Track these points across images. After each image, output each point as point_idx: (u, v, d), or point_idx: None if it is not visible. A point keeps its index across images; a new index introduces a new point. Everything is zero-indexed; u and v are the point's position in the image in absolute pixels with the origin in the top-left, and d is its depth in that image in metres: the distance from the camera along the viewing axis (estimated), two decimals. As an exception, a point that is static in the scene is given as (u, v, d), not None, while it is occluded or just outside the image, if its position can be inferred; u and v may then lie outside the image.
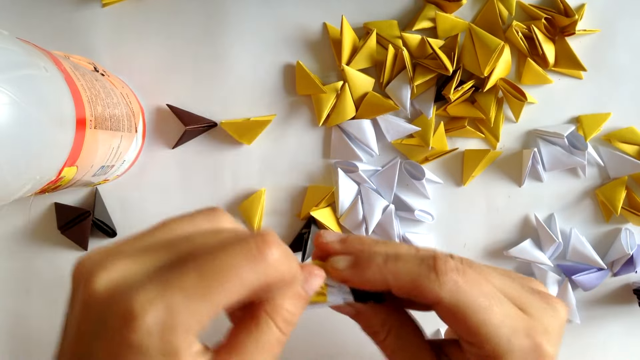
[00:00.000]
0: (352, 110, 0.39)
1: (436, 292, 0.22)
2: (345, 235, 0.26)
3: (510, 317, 0.22)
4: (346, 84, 0.38)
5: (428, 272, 0.22)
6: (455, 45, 0.37)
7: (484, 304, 0.22)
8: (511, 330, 0.22)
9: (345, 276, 0.24)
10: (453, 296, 0.22)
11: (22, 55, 0.24)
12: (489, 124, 0.39)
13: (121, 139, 0.34)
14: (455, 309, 0.22)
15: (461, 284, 0.22)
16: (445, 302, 0.22)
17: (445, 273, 0.22)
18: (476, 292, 0.22)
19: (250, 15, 0.39)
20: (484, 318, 0.22)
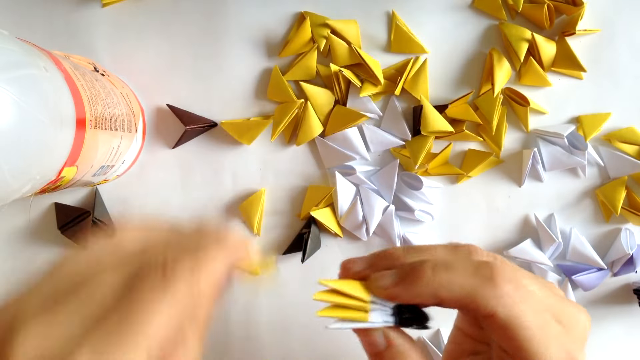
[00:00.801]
0: (319, 126, 0.39)
1: (492, 307, 0.20)
2: (368, 256, 0.24)
3: (554, 335, 0.21)
4: (308, 102, 0.39)
5: (485, 284, 0.21)
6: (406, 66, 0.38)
7: (535, 321, 0.21)
8: (554, 346, 0.21)
9: (393, 293, 0.22)
10: (507, 311, 0.20)
11: (22, 55, 0.24)
12: (490, 131, 0.39)
13: (121, 139, 0.34)
14: (508, 324, 0.21)
15: (515, 297, 0.21)
16: (499, 316, 0.21)
17: (504, 285, 0.21)
18: (528, 309, 0.21)
19: (250, 15, 0.39)
20: (533, 335, 0.21)
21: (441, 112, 0.38)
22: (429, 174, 0.40)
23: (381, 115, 0.39)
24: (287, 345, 0.41)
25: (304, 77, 0.39)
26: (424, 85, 0.38)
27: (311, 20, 0.38)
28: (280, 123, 0.38)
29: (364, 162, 0.40)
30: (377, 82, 0.38)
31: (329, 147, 0.39)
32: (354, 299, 0.22)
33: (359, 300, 0.22)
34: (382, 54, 0.39)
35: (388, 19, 0.39)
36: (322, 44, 0.39)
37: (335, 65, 0.38)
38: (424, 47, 0.39)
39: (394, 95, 0.39)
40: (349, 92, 0.39)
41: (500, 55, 0.38)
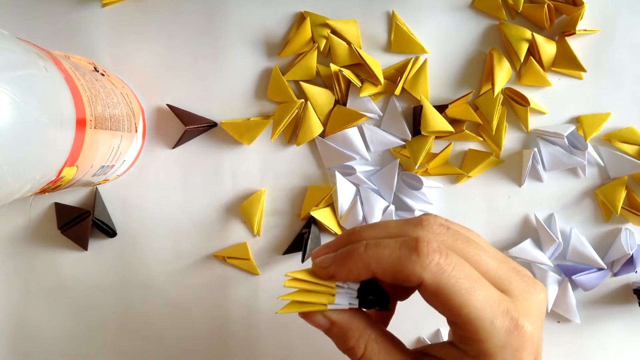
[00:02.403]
0: (319, 126, 0.39)
1: (418, 274, 0.22)
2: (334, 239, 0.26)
3: (492, 299, 0.22)
4: (308, 102, 0.39)
5: (409, 255, 0.22)
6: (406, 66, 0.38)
7: (466, 286, 0.22)
8: (493, 312, 0.22)
9: (330, 271, 0.24)
10: (435, 278, 0.22)
11: (22, 55, 0.24)
12: (490, 131, 0.39)
13: (121, 139, 0.34)
14: (438, 290, 0.22)
15: (443, 265, 0.22)
16: (427, 283, 0.22)
17: (427, 255, 0.22)
18: (459, 274, 0.22)
19: (250, 15, 0.39)
20: (466, 300, 0.22)
21: (441, 112, 0.38)
22: (429, 174, 0.40)
23: (381, 115, 0.39)
24: (288, 345, 0.41)
25: (304, 77, 0.39)
26: (424, 85, 0.38)
27: (311, 20, 0.38)
28: (280, 123, 0.38)
29: (364, 162, 0.40)
30: (377, 82, 0.38)
31: (329, 147, 0.39)
32: (320, 285, 0.24)
33: (325, 285, 0.24)
34: (382, 54, 0.39)
35: (388, 19, 0.39)
36: (322, 44, 0.39)
37: (335, 65, 0.38)
38: (424, 47, 0.39)
39: (394, 95, 0.39)
40: (349, 92, 0.39)
41: (500, 55, 0.38)
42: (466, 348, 0.23)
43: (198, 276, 0.40)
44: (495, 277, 0.23)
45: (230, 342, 0.41)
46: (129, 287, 0.40)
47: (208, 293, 0.40)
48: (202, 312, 0.40)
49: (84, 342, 0.41)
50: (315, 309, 0.24)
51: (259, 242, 0.40)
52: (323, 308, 0.24)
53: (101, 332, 0.41)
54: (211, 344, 0.41)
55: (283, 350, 0.41)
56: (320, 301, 0.24)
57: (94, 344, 0.41)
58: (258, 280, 0.40)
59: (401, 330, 0.26)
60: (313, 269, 0.25)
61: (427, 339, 0.40)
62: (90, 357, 0.41)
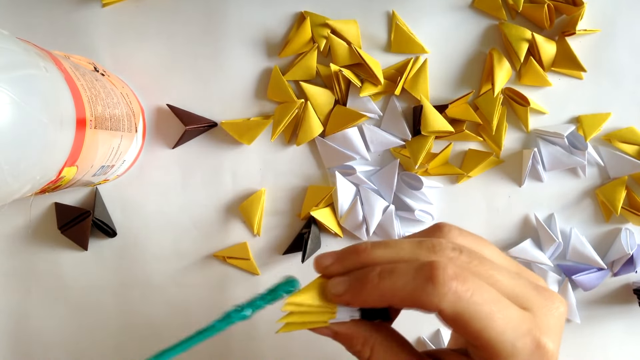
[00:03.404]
0: (319, 126, 0.39)
1: (436, 305, 0.21)
2: (340, 250, 0.25)
3: (514, 320, 0.22)
4: (308, 102, 0.39)
5: (425, 285, 0.21)
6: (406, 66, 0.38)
7: (486, 310, 0.21)
8: (515, 333, 0.21)
9: (345, 300, 0.23)
10: (454, 307, 0.21)
11: (22, 55, 0.24)
12: (490, 131, 0.39)
13: (121, 139, 0.34)
14: (457, 318, 0.21)
15: (461, 293, 0.21)
16: (446, 312, 0.21)
17: (444, 284, 0.21)
18: (477, 300, 0.21)
19: (250, 15, 0.39)
20: (487, 325, 0.21)
21: (441, 112, 0.38)
22: (429, 174, 0.40)
23: (381, 115, 0.39)
24: (288, 346, 0.41)
25: (304, 77, 0.39)
26: (424, 85, 0.38)
27: (311, 20, 0.38)
28: (280, 123, 0.38)
29: (364, 162, 0.40)
30: (377, 82, 0.38)
31: (329, 147, 0.39)
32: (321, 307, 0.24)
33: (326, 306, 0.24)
34: (382, 54, 0.39)
35: (388, 19, 0.39)
36: (322, 44, 0.39)
37: (335, 65, 0.38)
38: (424, 47, 0.39)
39: (394, 95, 0.39)
40: (349, 92, 0.39)
41: (500, 55, 0.38)
42: None
43: (198, 276, 0.40)
44: (512, 295, 0.23)
45: (230, 343, 0.41)
46: (129, 287, 0.40)
47: (208, 293, 0.40)
48: (202, 312, 0.40)
49: (84, 341, 0.41)
50: (315, 327, 0.24)
51: (259, 242, 0.40)
52: (324, 325, 0.24)
53: (101, 332, 0.41)
54: (211, 344, 0.41)
55: (283, 350, 0.41)
56: (321, 319, 0.24)
57: (94, 344, 0.41)
58: (258, 280, 0.40)
59: (401, 330, 0.26)
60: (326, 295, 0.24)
61: (427, 339, 0.40)
62: (90, 356, 0.41)
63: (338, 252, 0.25)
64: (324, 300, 0.24)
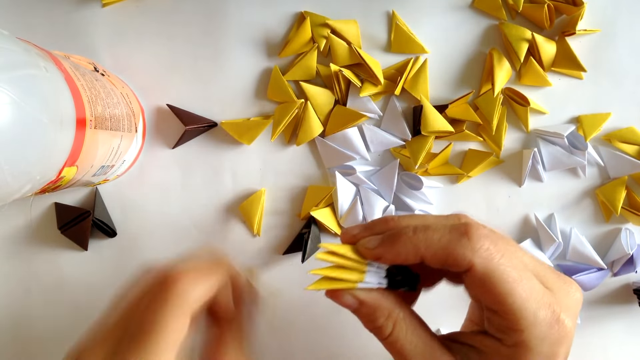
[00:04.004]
0: (319, 126, 0.39)
1: (469, 258, 0.22)
2: (367, 222, 0.26)
3: (537, 291, 0.22)
4: (308, 102, 0.39)
5: (460, 238, 0.22)
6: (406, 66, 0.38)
7: (514, 275, 0.22)
8: (537, 303, 0.22)
9: (377, 253, 0.24)
10: (485, 263, 0.22)
11: (22, 55, 0.24)
12: (490, 131, 0.39)
13: (121, 139, 0.34)
14: (486, 276, 0.22)
15: (493, 252, 0.22)
16: (477, 268, 0.22)
17: (479, 239, 0.22)
18: (507, 262, 0.22)
19: (250, 15, 0.39)
20: (513, 289, 0.22)
21: (441, 112, 0.38)
22: (429, 174, 0.40)
23: (381, 115, 0.39)
24: (288, 345, 0.41)
25: (304, 77, 0.39)
26: (424, 85, 0.38)
27: (311, 20, 0.38)
28: (280, 123, 0.38)
29: (364, 162, 0.40)
30: (377, 82, 0.38)
31: (329, 147, 0.39)
32: (353, 261, 0.24)
33: (357, 262, 0.24)
34: (382, 54, 0.39)
35: (388, 19, 0.39)
36: (322, 44, 0.39)
37: (335, 65, 0.38)
38: (424, 47, 0.39)
39: (394, 95, 0.39)
40: (349, 92, 0.39)
41: (500, 55, 0.38)
42: (503, 337, 0.23)
43: (198, 276, 0.40)
44: (537, 272, 0.24)
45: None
46: (129, 287, 0.40)
47: (208, 293, 0.40)
48: (202, 312, 0.40)
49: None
50: (344, 287, 0.24)
51: (259, 242, 0.40)
52: (352, 286, 0.24)
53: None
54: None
55: (284, 350, 0.41)
56: (350, 278, 0.23)
57: (94, 344, 0.41)
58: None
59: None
60: (357, 248, 0.24)
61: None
62: (90, 357, 0.41)
63: (365, 224, 0.25)
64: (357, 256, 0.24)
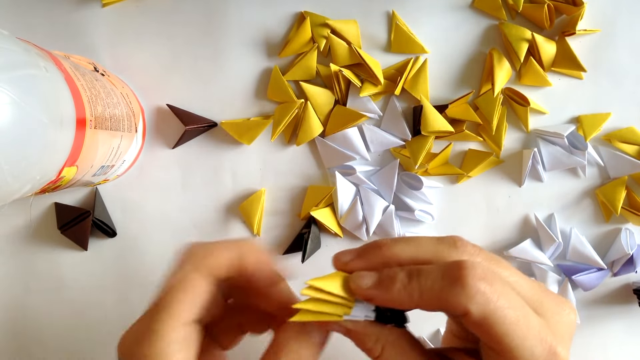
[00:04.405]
0: (319, 126, 0.39)
1: (464, 306, 0.21)
2: (360, 247, 0.25)
3: (534, 328, 0.22)
4: (308, 102, 0.39)
5: (454, 285, 0.21)
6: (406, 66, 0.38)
7: (511, 315, 0.21)
8: (534, 340, 0.22)
9: (370, 295, 0.23)
10: (482, 308, 0.21)
11: (22, 55, 0.24)
12: (490, 131, 0.39)
13: (121, 139, 0.34)
14: (483, 320, 0.21)
15: (489, 295, 0.21)
16: (473, 314, 0.21)
17: (474, 284, 0.21)
18: (505, 304, 0.21)
19: (250, 16, 0.39)
20: (511, 330, 0.21)
21: (441, 112, 0.38)
22: (429, 174, 0.40)
23: (381, 115, 0.39)
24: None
25: (304, 77, 0.39)
26: (424, 85, 0.38)
27: (311, 20, 0.38)
28: (280, 123, 0.38)
29: (364, 162, 0.40)
30: (377, 82, 0.38)
31: (329, 147, 0.39)
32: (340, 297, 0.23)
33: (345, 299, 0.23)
34: (382, 54, 0.39)
35: (388, 19, 0.39)
36: (322, 44, 0.39)
37: (335, 65, 0.38)
38: (424, 47, 0.39)
39: (394, 95, 0.39)
40: (349, 92, 0.39)
41: (500, 55, 0.38)
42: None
43: (198, 276, 0.40)
44: (527, 298, 0.23)
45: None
46: (129, 287, 0.40)
47: (208, 293, 0.40)
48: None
49: (84, 341, 0.41)
50: (329, 319, 0.23)
51: (259, 242, 0.40)
52: (338, 319, 0.23)
53: (101, 331, 0.41)
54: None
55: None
56: (336, 312, 0.23)
57: (93, 344, 0.41)
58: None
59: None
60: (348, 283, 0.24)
61: (427, 339, 0.40)
62: (90, 356, 0.41)
63: (358, 249, 0.25)
64: (345, 292, 0.23)
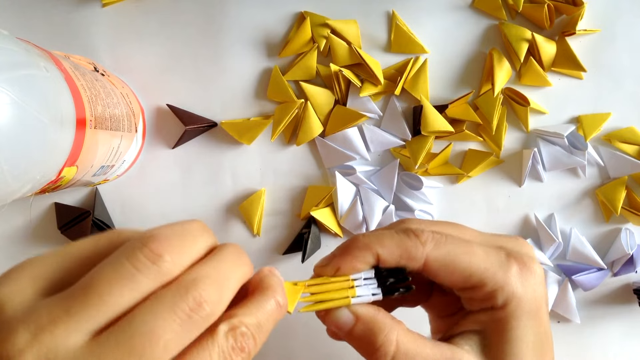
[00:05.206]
0: (319, 126, 0.39)
1: (421, 251, 0.23)
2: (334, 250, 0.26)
3: (490, 251, 0.24)
4: (308, 102, 0.39)
5: (407, 237, 0.23)
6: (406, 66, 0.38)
7: (463, 248, 0.23)
8: (498, 261, 0.23)
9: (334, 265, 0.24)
10: (435, 251, 0.23)
11: (22, 55, 0.24)
12: (490, 131, 0.39)
13: (121, 139, 0.34)
14: (442, 261, 0.23)
15: (439, 238, 0.23)
16: (430, 258, 0.23)
17: (422, 232, 0.24)
18: (454, 241, 0.23)
19: (250, 16, 0.39)
20: (469, 260, 0.23)
21: (441, 112, 0.38)
22: (429, 174, 0.40)
23: (381, 115, 0.39)
24: (288, 345, 0.41)
25: (304, 77, 0.39)
26: (424, 85, 0.38)
27: (311, 20, 0.38)
28: (280, 123, 0.38)
29: (364, 162, 0.40)
30: (377, 82, 0.38)
31: (329, 147, 0.39)
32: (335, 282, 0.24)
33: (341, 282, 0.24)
34: (382, 54, 0.39)
35: (388, 19, 0.39)
36: (322, 44, 0.39)
37: (335, 65, 0.38)
38: (424, 47, 0.39)
39: (394, 95, 0.39)
40: (349, 92, 0.39)
41: (500, 55, 0.38)
42: (492, 303, 0.23)
43: (198, 276, 0.40)
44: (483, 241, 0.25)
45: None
46: (129, 287, 0.40)
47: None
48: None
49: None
50: (339, 304, 0.23)
51: (259, 242, 0.40)
52: (347, 302, 0.23)
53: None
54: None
55: (283, 349, 0.41)
56: (342, 295, 0.23)
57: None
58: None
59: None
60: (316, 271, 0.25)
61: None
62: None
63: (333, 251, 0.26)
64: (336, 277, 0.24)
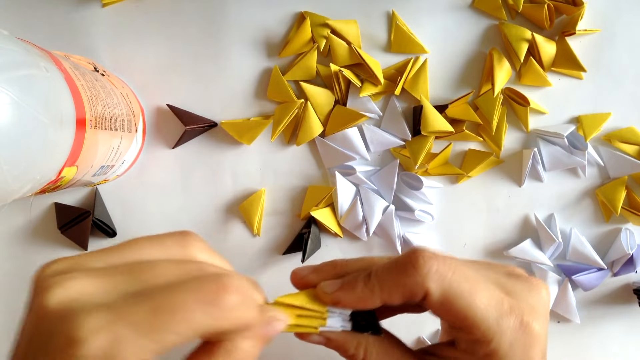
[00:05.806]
0: (319, 126, 0.39)
1: (421, 285, 0.22)
2: (316, 265, 0.26)
3: (495, 298, 0.22)
4: (308, 102, 0.39)
5: (407, 268, 0.22)
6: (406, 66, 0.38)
7: (469, 288, 0.22)
8: (498, 311, 0.22)
9: (337, 297, 0.24)
10: (438, 284, 0.22)
11: (22, 55, 0.24)
12: (490, 131, 0.39)
13: (121, 139, 0.34)
14: (443, 297, 0.22)
15: (443, 271, 0.22)
16: (432, 291, 0.22)
17: (425, 263, 0.22)
18: (459, 278, 0.22)
19: (250, 16, 0.39)
20: (470, 302, 0.22)
21: (441, 112, 0.38)
22: (429, 174, 0.40)
23: (381, 115, 0.39)
24: (288, 345, 0.41)
25: (304, 77, 0.39)
26: (424, 85, 0.38)
27: (311, 20, 0.38)
28: (280, 123, 0.38)
29: (364, 162, 0.40)
30: (377, 82, 0.38)
31: (329, 147, 0.39)
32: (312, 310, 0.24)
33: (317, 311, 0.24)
34: (382, 54, 0.39)
35: (388, 19, 0.39)
36: (322, 44, 0.39)
37: (335, 65, 0.38)
38: (424, 47, 0.39)
39: (394, 95, 0.39)
40: (349, 92, 0.39)
41: (500, 55, 0.38)
42: (475, 350, 0.23)
43: (198, 276, 0.40)
44: (495, 281, 0.23)
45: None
46: (129, 287, 0.40)
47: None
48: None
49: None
50: (307, 331, 0.24)
51: (259, 242, 0.40)
52: (314, 331, 0.24)
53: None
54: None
55: (283, 349, 0.41)
56: (311, 324, 0.24)
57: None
58: (258, 279, 0.40)
59: (401, 331, 0.26)
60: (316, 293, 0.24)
61: (427, 339, 0.40)
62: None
63: (315, 265, 0.26)
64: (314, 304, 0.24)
